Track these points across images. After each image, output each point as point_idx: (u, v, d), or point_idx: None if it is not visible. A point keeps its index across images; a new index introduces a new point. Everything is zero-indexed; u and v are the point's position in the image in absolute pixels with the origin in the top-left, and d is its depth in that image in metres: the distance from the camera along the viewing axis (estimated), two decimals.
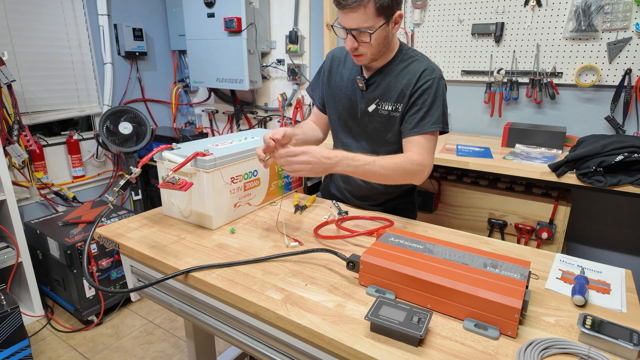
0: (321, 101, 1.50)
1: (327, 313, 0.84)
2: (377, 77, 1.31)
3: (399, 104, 1.29)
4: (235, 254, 1.09)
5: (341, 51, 1.43)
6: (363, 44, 1.18)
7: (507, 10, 2.14)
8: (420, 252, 0.94)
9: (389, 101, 1.30)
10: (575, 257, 1.06)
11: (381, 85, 1.31)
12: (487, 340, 0.76)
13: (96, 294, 2.35)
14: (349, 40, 1.18)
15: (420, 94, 1.24)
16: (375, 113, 1.33)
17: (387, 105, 1.30)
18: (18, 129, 2.38)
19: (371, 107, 1.33)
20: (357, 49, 1.19)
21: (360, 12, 1.11)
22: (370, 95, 1.33)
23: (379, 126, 1.34)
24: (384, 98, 1.31)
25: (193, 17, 2.92)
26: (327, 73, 1.45)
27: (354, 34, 1.16)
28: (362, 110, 1.36)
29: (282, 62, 2.97)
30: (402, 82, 1.27)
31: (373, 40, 1.17)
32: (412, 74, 1.26)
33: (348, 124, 1.42)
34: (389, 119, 1.32)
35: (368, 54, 1.22)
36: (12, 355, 1.91)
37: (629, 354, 0.71)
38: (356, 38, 1.17)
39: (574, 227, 2.20)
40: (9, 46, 2.49)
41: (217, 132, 3.52)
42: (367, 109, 1.34)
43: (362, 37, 1.17)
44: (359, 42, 1.18)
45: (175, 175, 1.15)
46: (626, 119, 1.96)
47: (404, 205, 1.52)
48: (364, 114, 1.36)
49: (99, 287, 0.95)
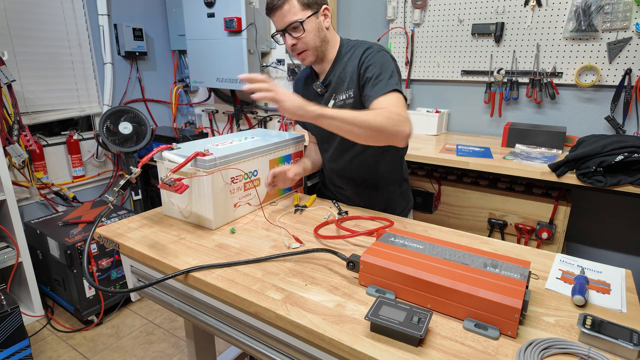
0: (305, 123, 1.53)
1: (327, 313, 0.84)
2: (329, 77, 1.37)
3: (351, 90, 1.32)
4: (235, 254, 1.09)
5: (302, 73, 1.53)
6: (300, 39, 1.27)
7: (507, 10, 2.14)
8: (420, 252, 0.94)
9: (341, 91, 1.35)
10: (575, 257, 1.06)
11: (334, 81, 1.37)
12: (487, 340, 0.76)
13: (96, 294, 2.35)
14: (287, 39, 1.27)
15: (366, 68, 1.25)
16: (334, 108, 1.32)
17: (341, 95, 1.35)
18: (18, 129, 2.39)
19: (330, 103, 1.38)
20: (296, 45, 1.28)
21: (286, 7, 1.23)
22: (329, 94, 1.39)
23: None
24: (337, 90, 1.36)
25: (193, 17, 2.93)
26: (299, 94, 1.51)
27: (289, 31, 1.26)
28: None
29: (282, 62, 2.97)
30: (349, 70, 1.32)
31: (306, 33, 1.25)
32: (355, 58, 1.30)
33: (323, 132, 1.40)
34: (344, 107, 1.31)
35: (309, 48, 1.29)
36: (12, 355, 1.91)
37: (629, 354, 0.71)
38: (292, 35, 1.27)
39: (574, 227, 2.20)
40: (9, 46, 2.49)
41: (217, 132, 3.52)
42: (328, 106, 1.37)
43: (296, 32, 1.26)
44: (295, 38, 1.26)
45: (172, 177, 1.15)
46: (626, 119, 1.96)
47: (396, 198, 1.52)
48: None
49: (99, 287, 0.95)
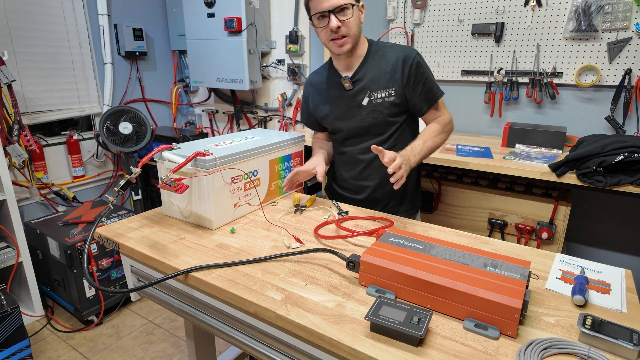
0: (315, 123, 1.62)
1: (327, 313, 0.84)
2: (360, 73, 1.41)
3: (391, 89, 1.38)
4: (235, 254, 1.09)
5: (314, 76, 1.57)
6: (344, 23, 1.29)
7: (507, 10, 2.14)
8: (420, 252, 0.94)
9: (379, 89, 1.40)
10: (575, 257, 1.06)
11: (366, 79, 1.40)
12: (487, 340, 0.76)
13: (96, 294, 2.35)
14: (332, 21, 1.28)
15: (415, 73, 1.36)
16: (370, 104, 1.41)
17: (379, 93, 1.40)
18: (18, 129, 2.39)
19: (365, 100, 1.42)
20: (340, 28, 1.30)
21: None
22: (359, 91, 1.42)
23: (377, 115, 1.42)
24: (373, 88, 1.40)
25: (193, 17, 2.93)
26: (311, 97, 1.57)
27: (336, 13, 1.28)
28: (356, 106, 1.43)
29: (282, 62, 2.97)
30: (388, 69, 1.38)
31: (352, 18, 1.29)
32: (395, 59, 1.37)
33: (348, 130, 1.49)
34: (384, 105, 1.40)
35: (350, 35, 1.32)
36: (12, 355, 1.91)
37: (629, 354, 0.71)
38: (338, 18, 1.29)
39: (574, 227, 2.19)
40: (9, 46, 2.49)
41: (217, 132, 3.52)
42: (362, 103, 1.42)
43: (343, 15, 1.29)
44: (341, 22, 1.29)
45: (172, 177, 1.15)
46: (626, 119, 1.96)
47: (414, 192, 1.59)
48: (359, 109, 1.43)
49: (99, 287, 0.95)
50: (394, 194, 1.52)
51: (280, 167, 1.48)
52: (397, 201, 1.54)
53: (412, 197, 1.57)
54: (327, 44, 1.37)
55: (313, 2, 1.30)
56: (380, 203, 1.53)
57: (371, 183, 1.51)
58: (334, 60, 1.49)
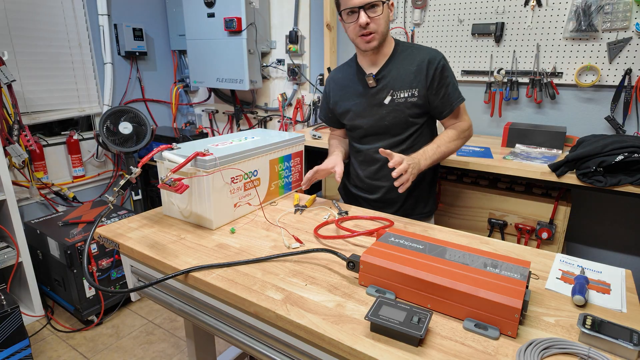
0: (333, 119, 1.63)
1: (327, 313, 0.84)
2: (384, 71, 1.42)
3: (415, 89, 1.39)
4: (235, 254, 1.09)
5: (337, 72, 1.58)
6: (374, 20, 1.30)
7: (507, 10, 2.14)
8: (420, 252, 0.94)
9: (403, 89, 1.40)
10: (575, 257, 1.06)
11: (390, 77, 1.41)
12: (487, 340, 0.76)
13: (96, 294, 2.35)
14: (362, 17, 1.29)
15: (440, 76, 1.38)
16: (392, 103, 1.42)
17: (402, 93, 1.41)
18: (18, 129, 2.39)
19: (387, 99, 1.43)
20: (370, 25, 1.31)
21: None
22: (382, 89, 1.42)
23: (398, 114, 1.43)
24: (397, 87, 1.41)
25: (193, 17, 2.92)
26: (332, 92, 1.57)
27: (366, 9, 1.29)
28: (378, 104, 1.44)
29: (282, 62, 2.97)
30: (412, 69, 1.39)
31: (382, 15, 1.31)
32: (421, 60, 1.38)
33: (367, 128, 1.49)
34: (406, 105, 1.41)
35: (378, 31, 1.33)
36: (12, 355, 1.91)
37: (629, 354, 0.71)
38: (367, 14, 1.29)
39: (574, 227, 2.20)
40: (9, 46, 2.49)
41: (217, 132, 3.52)
42: (384, 101, 1.43)
43: (374, 11, 1.30)
44: (370, 18, 1.30)
45: (172, 177, 1.15)
46: (626, 119, 1.96)
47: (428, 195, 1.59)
48: (380, 107, 1.44)
49: (99, 287, 0.95)
50: (409, 196, 1.52)
51: (280, 167, 1.48)
52: (411, 204, 1.54)
53: (426, 200, 1.57)
54: (355, 40, 1.37)
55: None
56: (395, 205, 1.53)
57: (386, 183, 1.51)
58: (359, 57, 1.49)
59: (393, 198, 1.52)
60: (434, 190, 1.62)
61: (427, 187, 1.56)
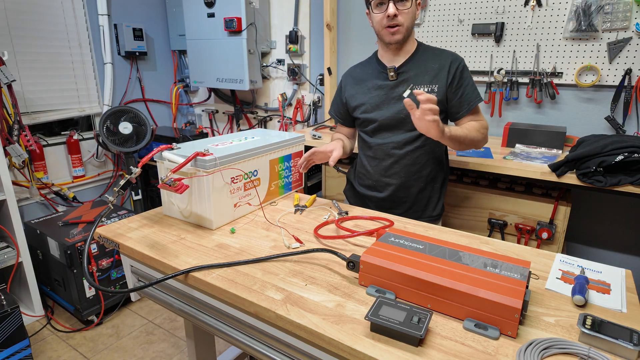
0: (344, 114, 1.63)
1: (327, 313, 0.84)
2: (406, 66, 1.45)
3: (435, 85, 1.43)
4: (235, 254, 1.09)
5: (355, 68, 1.60)
6: (401, 12, 1.33)
7: (507, 10, 2.14)
8: (420, 252, 0.94)
9: (423, 84, 1.43)
10: (575, 257, 1.06)
11: (411, 72, 1.45)
12: (487, 340, 0.76)
13: (96, 294, 2.35)
14: (390, 8, 1.32)
15: (460, 76, 1.42)
16: (411, 97, 1.41)
17: (422, 88, 1.43)
18: (18, 129, 2.39)
19: (406, 92, 1.43)
20: (397, 17, 1.33)
21: None
22: (402, 82, 1.44)
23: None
24: (417, 82, 1.44)
25: (193, 17, 2.93)
26: (348, 86, 1.57)
27: (395, 1, 1.31)
28: (396, 97, 1.45)
29: (282, 62, 2.97)
30: (434, 67, 1.43)
31: (410, 9, 1.34)
32: (443, 59, 1.43)
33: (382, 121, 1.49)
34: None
35: (404, 25, 1.35)
36: (12, 355, 1.91)
37: (629, 354, 0.71)
38: (396, 6, 1.32)
39: (574, 227, 2.19)
40: (9, 46, 2.49)
41: (217, 132, 3.52)
42: (402, 94, 1.43)
43: (402, 4, 1.33)
44: (399, 10, 1.33)
45: (172, 177, 1.16)
46: (626, 119, 1.96)
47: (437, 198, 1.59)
48: (398, 100, 1.45)
49: (99, 287, 0.95)
50: (420, 196, 1.52)
51: (280, 167, 1.48)
52: (422, 205, 1.54)
53: (436, 202, 1.57)
54: (380, 31, 1.39)
55: None
56: (403, 205, 1.53)
57: (395, 181, 1.51)
58: (380, 53, 1.51)
59: (401, 197, 1.51)
60: (444, 193, 1.61)
61: (438, 189, 1.56)
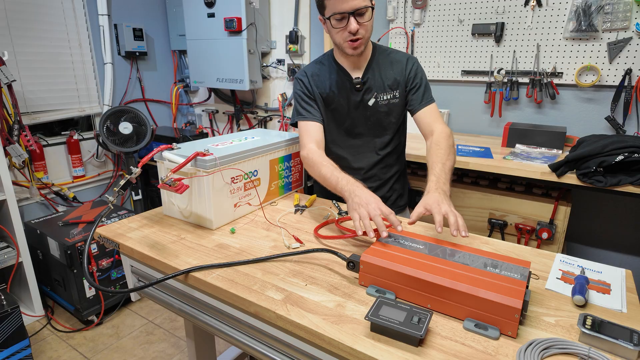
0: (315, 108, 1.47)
1: (327, 313, 0.84)
2: (368, 74, 1.44)
3: (396, 91, 1.45)
4: (235, 254, 1.09)
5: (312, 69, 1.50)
6: (362, 26, 1.30)
7: (507, 10, 2.14)
8: (420, 252, 0.94)
9: (385, 91, 1.45)
10: (575, 257, 1.06)
11: (374, 79, 1.44)
12: (487, 340, 0.76)
13: (96, 294, 2.35)
14: (352, 23, 1.28)
15: (414, 76, 1.44)
16: (376, 105, 1.46)
17: (385, 95, 1.45)
18: (18, 129, 2.38)
19: (371, 101, 1.46)
20: (359, 30, 1.30)
21: None
22: (367, 91, 1.45)
23: (380, 116, 1.47)
24: (380, 90, 1.45)
25: (193, 17, 2.92)
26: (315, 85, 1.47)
27: (356, 15, 1.27)
28: (362, 105, 1.46)
29: (282, 62, 2.97)
30: (393, 73, 1.44)
31: (370, 22, 1.31)
32: (399, 64, 1.44)
33: (349, 126, 1.50)
34: (389, 107, 1.46)
35: (365, 37, 1.33)
36: (12, 355, 1.91)
37: (629, 354, 0.71)
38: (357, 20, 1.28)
39: (574, 227, 2.19)
40: (9, 46, 2.49)
41: (217, 132, 3.52)
42: (368, 103, 1.46)
43: (362, 17, 1.29)
44: (359, 24, 1.29)
45: (172, 177, 1.16)
46: (626, 119, 1.96)
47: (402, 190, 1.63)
48: (365, 108, 1.46)
49: (99, 287, 0.95)
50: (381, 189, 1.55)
51: (280, 167, 1.48)
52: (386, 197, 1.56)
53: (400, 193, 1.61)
54: (342, 44, 1.34)
55: (330, 2, 1.27)
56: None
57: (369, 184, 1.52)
58: (339, 58, 1.45)
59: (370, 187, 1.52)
60: (407, 181, 1.66)
61: (401, 180, 1.61)
